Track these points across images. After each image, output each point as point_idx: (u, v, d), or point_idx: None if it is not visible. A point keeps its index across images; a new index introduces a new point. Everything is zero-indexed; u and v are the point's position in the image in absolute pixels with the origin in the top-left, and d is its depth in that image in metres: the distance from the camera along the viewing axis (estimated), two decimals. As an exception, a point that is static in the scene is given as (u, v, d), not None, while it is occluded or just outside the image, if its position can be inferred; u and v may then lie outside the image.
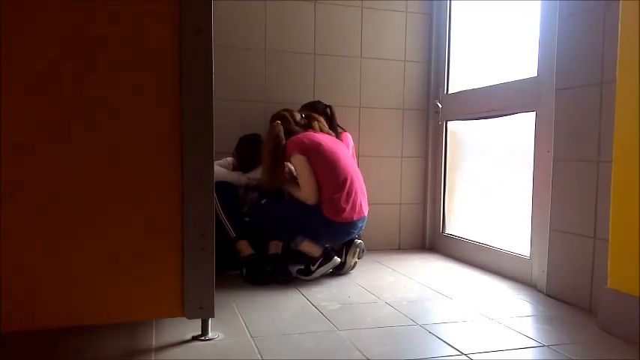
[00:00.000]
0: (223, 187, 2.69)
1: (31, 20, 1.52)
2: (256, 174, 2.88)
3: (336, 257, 2.61)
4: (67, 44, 1.55)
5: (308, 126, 2.77)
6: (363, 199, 2.70)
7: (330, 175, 2.59)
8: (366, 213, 2.72)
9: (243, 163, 2.92)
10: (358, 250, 2.77)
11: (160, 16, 1.61)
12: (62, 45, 1.55)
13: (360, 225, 2.70)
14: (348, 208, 2.59)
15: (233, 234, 2.67)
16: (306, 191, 2.59)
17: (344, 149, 2.77)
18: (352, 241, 2.75)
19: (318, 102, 3.08)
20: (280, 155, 2.62)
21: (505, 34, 2.97)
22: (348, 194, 2.60)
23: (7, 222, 1.54)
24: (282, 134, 2.64)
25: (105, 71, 1.59)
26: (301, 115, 2.81)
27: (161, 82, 1.63)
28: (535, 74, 2.54)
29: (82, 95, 1.57)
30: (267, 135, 2.69)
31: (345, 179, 2.61)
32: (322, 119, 2.86)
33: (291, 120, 2.74)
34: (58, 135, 1.56)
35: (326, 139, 2.69)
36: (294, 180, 2.66)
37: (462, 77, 3.34)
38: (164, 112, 1.64)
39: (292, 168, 2.66)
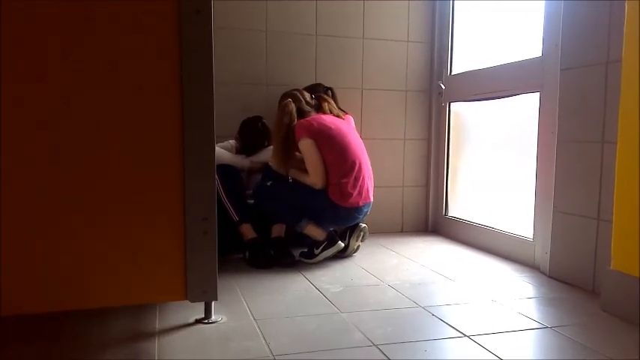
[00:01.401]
0: (226, 170, 2.68)
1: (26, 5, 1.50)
2: (260, 157, 2.87)
3: (340, 242, 2.61)
4: (63, 32, 1.54)
5: (318, 107, 2.74)
6: (370, 185, 2.69)
7: (338, 159, 2.57)
8: (372, 199, 2.71)
9: (246, 146, 2.91)
10: (362, 233, 2.77)
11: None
12: (58, 33, 1.53)
13: (366, 210, 2.70)
14: (355, 194, 2.58)
15: (236, 217, 2.67)
16: (314, 176, 2.57)
17: (354, 133, 2.74)
18: (356, 224, 2.75)
19: (319, 84, 3.05)
20: (291, 136, 2.60)
21: (509, 14, 2.93)
22: (356, 179, 2.59)
23: (11, 206, 1.54)
24: (294, 112, 2.62)
25: (102, 56, 1.57)
26: (311, 95, 2.77)
27: (160, 64, 1.61)
28: (539, 54, 2.50)
29: (80, 79, 1.56)
30: (278, 113, 2.65)
31: (354, 164, 2.59)
32: (332, 101, 2.82)
33: (302, 99, 2.70)
34: (59, 121, 1.56)
35: (336, 123, 2.65)
36: (301, 166, 2.65)
37: (465, 58, 3.31)
38: (164, 96, 1.63)
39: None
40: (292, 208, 2.62)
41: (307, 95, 2.75)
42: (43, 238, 1.58)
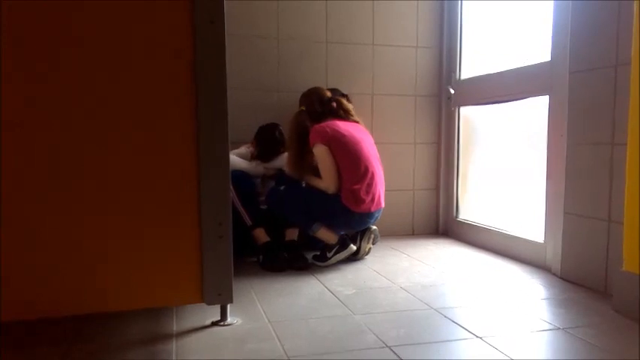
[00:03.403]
0: (239, 176, 2.72)
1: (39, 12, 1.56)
2: (274, 164, 2.91)
3: (352, 245, 2.64)
4: (78, 35, 1.59)
5: (335, 111, 2.76)
6: (381, 191, 2.72)
7: (351, 165, 2.60)
8: (383, 204, 2.73)
9: (262, 153, 2.95)
10: (372, 236, 2.79)
11: (174, 8, 1.63)
12: (73, 35, 1.58)
13: (377, 215, 2.72)
14: (367, 200, 2.60)
15: (249, 222, 2.70)
16: (327, 181, 2.60)
17: (368, 139, 2.77)
18: (367, 227, 2.77)
19: (336, 90, 3.07)
20: (306, 141, 2.64)
21: (518, 19, 2.95)
22: (369, 185, 2.62)
23: (27, 210, 1.59)
24: (307, 122, 2.67)
25: (118, 64, 1.62)
26: (329, 98, 2.78)
27: (176, 72, 1.66)
28: (548, 58, 2.52)
29: (98, 86, 1.61)
30: (291, 123, 2.71)
31: (367, 171, 2.62)
32: (350, 105, 2.83)
33: (316, 107, 2.73)
34: (76, 124, 1.60)
35: (350, 129, 2.68)
36: (314, 171, 2.68)
37: (474, 63, 3.32)
38: (179, 104, 1.67)
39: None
40: (305, 212, 2.65)
41: (326, 97, 2.77)
42: (59, 243, 1.62)
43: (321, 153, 2.59)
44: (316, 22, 3.24)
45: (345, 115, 2.76)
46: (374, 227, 2.80)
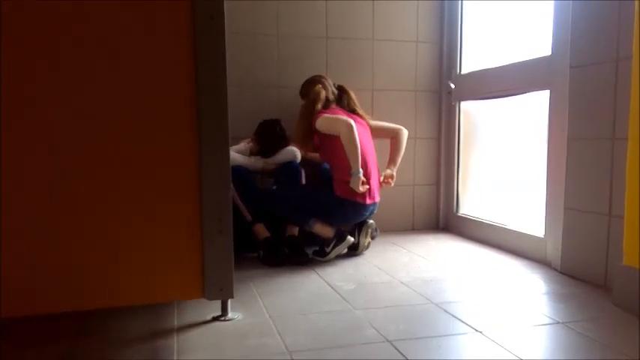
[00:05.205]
0: (238, 171, 2.72)
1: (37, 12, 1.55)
2: (275, 159, 2.90)
3: (349, 236, 2.64)
4: (78, 33, 1.58)
5: (338, 99, 2.82)
6: (376, 186, 2.72)
7: (346, 157, 2.60)
8: (378, 199, 2.74)
9: (262, 148, 2.94)
10: (370, 229, 2.79)
11: (173, 4, 1.63)
12: (74, 33, 1.58)
13: (372, 208, 2.73)
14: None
15: (249, 218, 2.71)
16: (344, 123, 2.58)
17: (365, 134, 2.78)
18: (364, 221, 2.78)
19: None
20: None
21: (518, 13, 2.94)
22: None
23: (29, 206, 1.59)
24: (324, 100, 2.74)
25: (119, 61, 1.61)
26: (335, 85, 2.86)
27: (176, 68, 1.65)
28: (549, 53, 2.51)
29: (98, 82, 1.61)
30: (309, 99, 2.74)
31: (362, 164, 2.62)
32: (353, 96, 2.89)
33: (329, 87, 2.82)
34: (78, 118, 1.60)
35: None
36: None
37: (474, 57, 3.32)
38: (180, 99, 1.66)
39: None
40: (299, 209, 2.65)
41: (331, 84, 2.85)
42: (58, 238, 1.62)
43: (326, 118, 2.64)
44: (316, 17, 3.23)
45: (347, 100, 2.84)
46: (371, 221, 2.80)
